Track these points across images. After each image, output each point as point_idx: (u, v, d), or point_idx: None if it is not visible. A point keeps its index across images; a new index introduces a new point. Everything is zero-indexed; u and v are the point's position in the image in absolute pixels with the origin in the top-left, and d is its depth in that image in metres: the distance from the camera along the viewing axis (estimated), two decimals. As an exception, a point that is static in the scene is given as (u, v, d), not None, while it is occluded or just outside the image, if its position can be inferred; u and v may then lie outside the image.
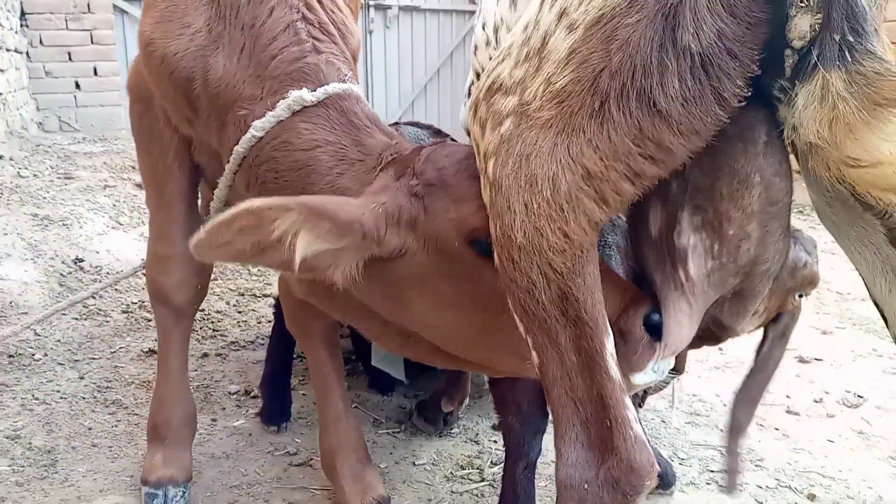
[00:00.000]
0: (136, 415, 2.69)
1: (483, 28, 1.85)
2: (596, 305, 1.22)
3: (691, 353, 3.40)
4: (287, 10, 1.79)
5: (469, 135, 1.47)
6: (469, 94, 2.27)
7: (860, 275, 1.47)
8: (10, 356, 3.01)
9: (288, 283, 2.06)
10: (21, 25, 7.12)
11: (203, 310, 3.71)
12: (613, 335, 1.33)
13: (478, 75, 1.94)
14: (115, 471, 2.32)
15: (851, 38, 0.98)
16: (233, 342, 3.43)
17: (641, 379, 1.41)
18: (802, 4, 1.00)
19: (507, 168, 1.23)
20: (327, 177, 1.69)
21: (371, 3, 9.24)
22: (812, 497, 2.30)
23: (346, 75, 1.82)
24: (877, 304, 1.45)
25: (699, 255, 1.32)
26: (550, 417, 1.35)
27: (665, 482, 2.27)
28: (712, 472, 2.45)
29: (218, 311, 3.75)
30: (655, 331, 1.38)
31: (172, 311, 2.23)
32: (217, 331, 3.55)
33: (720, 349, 3.48)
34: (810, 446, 2.60)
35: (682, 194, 1.31)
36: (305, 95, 1.71)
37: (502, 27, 1.72)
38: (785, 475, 2.43)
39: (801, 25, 1.01)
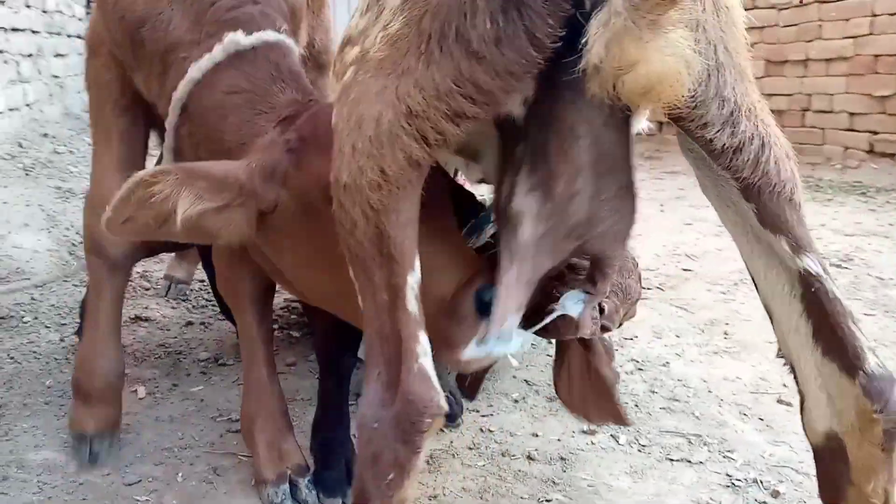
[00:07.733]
0: (98, 376, 2.73)
1: None
2: (405, 242, 1.23)
3: (691, 337, 3.16)
4: None
5: None
6: None
7: (734, 241, 1.45)
8: (2, 318, 3.13)
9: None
10: (87, 13, 7.47)
11: (203, 280, 3.76)
12: (444, 313, 1.43)
13: None
14: (56, 427, 2.37)
15: None
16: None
17: (469, 354, 1.43)
18: None
19: (343, 113, 1.27)
20: (236, 122, 1.78)
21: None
22: (776, 494, 2.06)
23: (280, 27, 1.88)
24: (748, 268, 1.44)
25: (530, 219, 1.26)
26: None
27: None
28: (672, 460, 2.24)
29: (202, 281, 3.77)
30: (486, 308, 1.37)
31: (106, 264, 2.23)
32: (210, 301, 3.58)
33: (725, 333, 3.21)
34: (793, 439, 2.33)
35: (522, 157, 1.25)
36: (241, 38, 1.79)
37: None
38: (754, 469, 2.19)
39: None
